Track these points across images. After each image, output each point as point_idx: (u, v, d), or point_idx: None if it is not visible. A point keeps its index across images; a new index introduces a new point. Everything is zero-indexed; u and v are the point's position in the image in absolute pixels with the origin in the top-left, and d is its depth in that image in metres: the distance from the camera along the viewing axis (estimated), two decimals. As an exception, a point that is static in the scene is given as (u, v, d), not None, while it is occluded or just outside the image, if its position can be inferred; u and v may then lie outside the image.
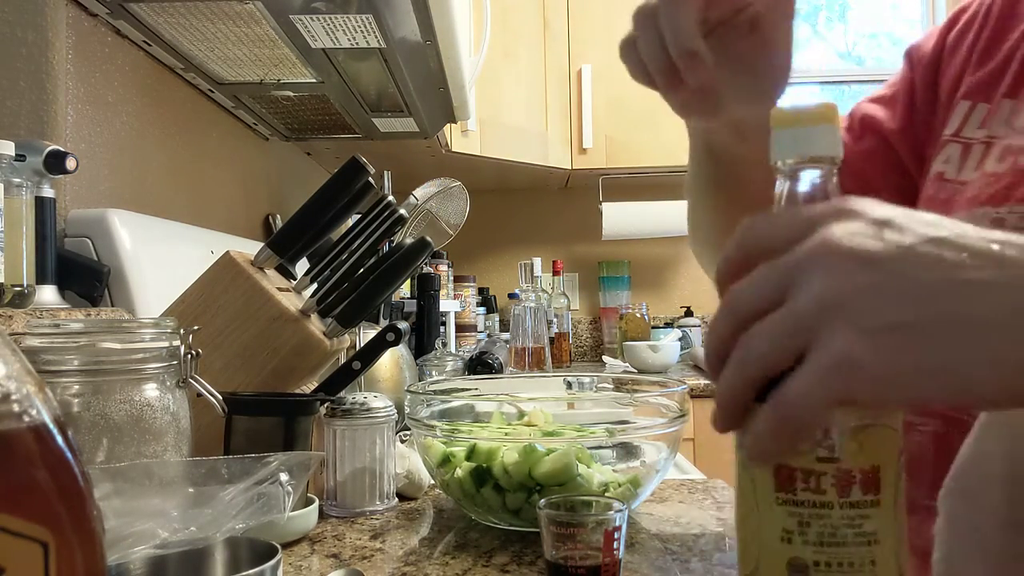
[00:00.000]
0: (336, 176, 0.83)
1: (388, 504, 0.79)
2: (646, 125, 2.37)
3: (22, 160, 0.82)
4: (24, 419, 0.24)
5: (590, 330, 2.79)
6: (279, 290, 0.80)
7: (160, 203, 1.26)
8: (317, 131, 1.74)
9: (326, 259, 0.88)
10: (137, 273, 0.99)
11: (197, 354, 0.64)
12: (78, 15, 1.04)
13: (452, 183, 1.55)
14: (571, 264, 2.79)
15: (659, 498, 0.82)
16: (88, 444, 0.56)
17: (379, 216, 0.88)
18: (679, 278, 2.78)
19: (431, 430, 0.74)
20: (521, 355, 1.81)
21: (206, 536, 0.44)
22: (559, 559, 0.53)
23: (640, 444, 0.76)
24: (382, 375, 1.11)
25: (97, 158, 1.08)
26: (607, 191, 2.59)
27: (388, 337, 0.81)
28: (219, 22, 1.09)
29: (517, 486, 0.67)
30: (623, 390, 0.92)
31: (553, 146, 2.33)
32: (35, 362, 0.56)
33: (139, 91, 1.21)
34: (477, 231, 2.74)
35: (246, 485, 0.47)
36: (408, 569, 0.61)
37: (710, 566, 0.61)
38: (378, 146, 1.89)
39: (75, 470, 0.25)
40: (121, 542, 0.40)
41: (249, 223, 1.72)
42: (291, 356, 0.78)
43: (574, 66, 2.37)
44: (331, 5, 1.03)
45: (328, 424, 0.78)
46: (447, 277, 2.13)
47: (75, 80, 1.03)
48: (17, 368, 0.24)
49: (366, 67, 1.28)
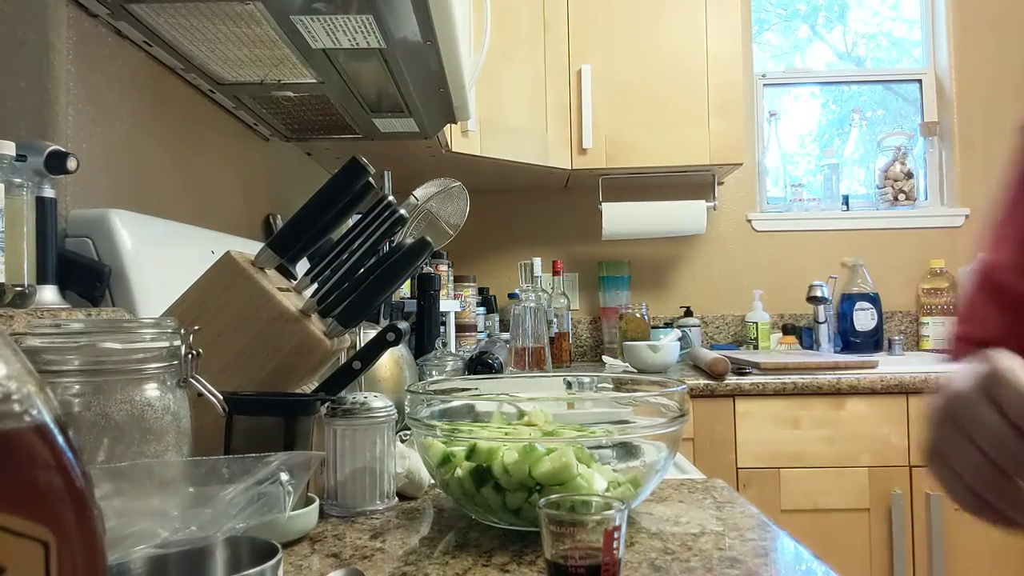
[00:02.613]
0: (336, 176, 0.83)
1: (388, 504, 0.79)
2: (646, 125, 2.37)
3: (23, 160, 0.82)
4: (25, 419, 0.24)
5: (590, 330, 2.79)
6: (279, 290, 0.80)
7: (161, 203, 1.26)
8: (317, 131, 1.74)
9: (326, 259, 0.88)
10: (138, 273, 1.00)
11: (197, 354, 0.64)
12: (78, 15, 1.04)
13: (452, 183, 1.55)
14: (571, 264, 2.79)
15: (659, 498, 0.82)
16: (89, 444, 0.56)
17: (379, 216, 0.88)
18: (679, 278, 2.79)
19: (431, 430, 0.74)
20: (521, 355, 1.81)
21: (206, 536, 0.44)
22: (559, 559, 0.53)
23: (640, 444, 0.76)
24: (382, 375, 1.11)
25: (97, 158, 1.08)
26: (607, 191, 2.60)
27: (388, 337, 0.81)
28: (219, 22, 1.09)
29: (517, 486, 0.67)
30: (623, 390, 0.92)
31: (553, 146, 2.33)
32: (36, 362, 0.56)
33: (139, 91, 1.21)
34: (477, 231, 2.75)
35: (246, 485, 0.47)
36: (408, 569, 0.61)
37: (710, 566, 0.61)
38: (378, 146, 1.89)
39: (76, 470, 0.25)
40: (121, 542, 0.40)
41: (249, 223, 1.72)
42: (291, 356, 0.78)
43: (574, 66, 2.37)
44: (331, 5, 1.03)
45: (328, 424, 0.78)
46: (447, 277, 2.13)
47: (75, 80, 1.03)
48: (18, 368, 0.24)
49: (366, 67, 1.28)
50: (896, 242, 2.73)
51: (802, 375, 2.01)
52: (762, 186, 2.81)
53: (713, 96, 2.37)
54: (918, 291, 2.70)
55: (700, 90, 2.37)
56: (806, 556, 0.64)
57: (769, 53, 2.91)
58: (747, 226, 2.77)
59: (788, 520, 1.94)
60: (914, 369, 2.07)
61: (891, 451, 1.96)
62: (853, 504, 1.95)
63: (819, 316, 2.53)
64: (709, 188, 2.59)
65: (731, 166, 2.42)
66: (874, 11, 2.91)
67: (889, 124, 2.87)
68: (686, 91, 2.37)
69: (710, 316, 2.76)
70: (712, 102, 2.37)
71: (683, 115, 2.37)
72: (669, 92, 2.37)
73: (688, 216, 2.53)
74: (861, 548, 1.95)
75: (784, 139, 2.83)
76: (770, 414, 1.97)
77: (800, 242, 2.76)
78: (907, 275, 2.73)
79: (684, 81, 2.37)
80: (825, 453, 1.96)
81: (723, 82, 2.37)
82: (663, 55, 2.37)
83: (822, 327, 2.52)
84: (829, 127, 2.93)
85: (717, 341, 2.75)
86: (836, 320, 2.59)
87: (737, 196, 2.77)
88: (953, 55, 2.74)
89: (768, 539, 0.68)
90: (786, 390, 1.96)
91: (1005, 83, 2.73)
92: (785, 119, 2.87)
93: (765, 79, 2.83)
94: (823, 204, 2.76)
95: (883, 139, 2.76)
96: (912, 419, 1.97)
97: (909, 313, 2.72)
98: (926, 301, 2.65)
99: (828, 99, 2.94)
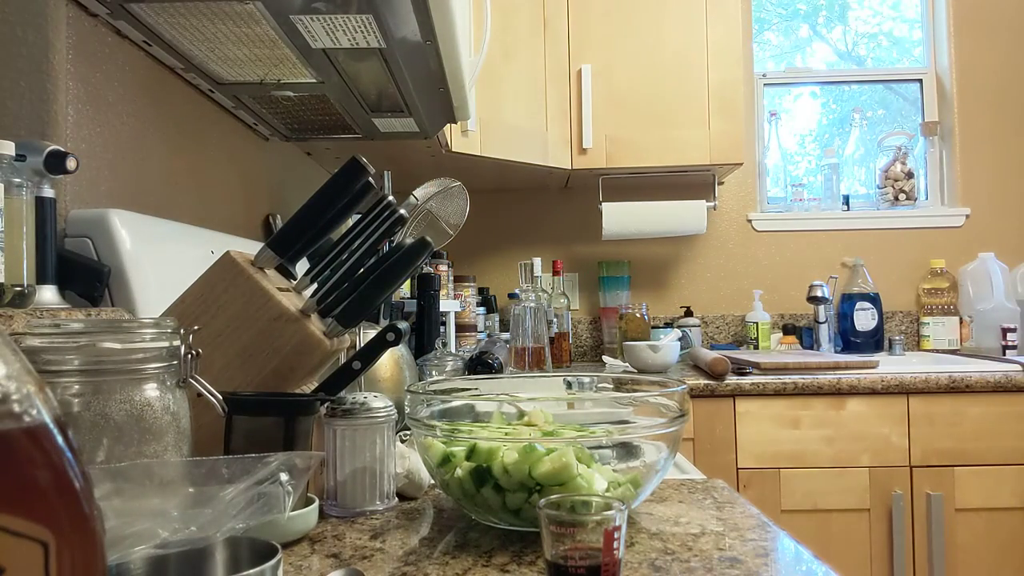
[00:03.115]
0: (336, 176, 0.83)
1: (388, 504, 0.79)
2: (646, 125, 2.37)
3: (22, 160, 0.82)
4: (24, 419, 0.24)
5: (590, 330, 2.79)
6: (279, 290, 0.80)
7: (160, 203, 1.26)
8: (317, 131, 1.74)
9: (326, 259, 0.88)
10: (137, 273, 1.00)
11: (197, 354, 0.64)
12: (78, 15, 1.04)
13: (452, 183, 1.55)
14: (571, 264, 2.79)
15: (659, 498, 0.82)
16: (88, 444, 0.56)
17: (379, 216, 0.88)
18: (679, 278, 2.79)
19: (431, 430, 0.74)
20: (521, 355, 1.81)
21: (206, 536, 0.44)
22: (559, 559, 0.53)
23: (640, 444, 0.76)
24: (382, 375, 1.11)
25: (97, 158, 1.08)
26: (607, 191, 2.60)
27: (388, 337, 0.81)
28: (219, 22, 1.09)
29: (517, 486, 0.67)
30: (623, 390, 0.92)
31: (553, 146, 2.33)
32: (35, 362, 0.56)
33: (139, 91, 1.21)
34: (477, 231, 2.75)
35: (246, 485, 0.47)
36: (408, 569, 0.61)
37: (710, 566, 0.61)
38: (378, 146, 1.89)
39: (75, 470, 0.25)
40: (121, 542, 0.40)
41: (249, 223, 1.72)
42: (291, 356, 0.78)
43: (574, 66, 2.37)
44: (331, 5, 1.03)
45: (328, 424, 0.78)
46: (447, 277, 2.13)
47: (75, 80, 1.03)
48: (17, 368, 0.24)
49: (366, 67, 1.28)
50: (896, 242, 2.73)
51: (802, 375, 2.01)
52: (762, 186, 2.81)
53: (713, 96, 2.37)
54: (918, 291, 2.70)
55: (700, 90, 2.37)
56: (806, 556, 0.64)
57: (769, 53, 2.91)
58: (747, 226, 2.77)
59: (788, 520, 1.94)
60: (915, 369, 2.07)
61: (891, 451, 1.96)
62: (853, 504, 1.95)
63: (819, 316, 2.53)
64: (709, 188, 2.59)
65: (731, 166, 2.42)
66: (874, 11, 2.91)
67: (889, 124, 2.87)
68: (686, 91, 2.37)
69: (710, 316, 2.76)
70: (712, 102, 2.37)
71: (683, 115, 2.37)
72: (669, 92, 2.37)
73: (688, 216, 2.53)
74: (861, 548, 1.95)
75: (784, 139, 2.83)
76: (770, 414, 1.97)
77: (800, 242, 2.76)
78: (907, 275, 2.73)
79: (684, 81, 2.37)
80: (825, 453, 1.96)
81: (723, 82, 2.37)
82: (663, 55, 2.37)
83: (822, 327, 2.52)
84: (829, 127, 2.93)
85: (717, 341, 2.75)
86: (836, 320, 2.59)
87: (737, 196, 2.77)
88: (953, 55, 2.74)
89: (768, 539, 0.68)
90: (786, 390, 1.96)
91: (1006, 82, 2.73)
92: (785, 119, 2.87)
93: (765, 79, 2.83)
94: (823, 204, 2.76)
95: (883, 139, 2.76)
96: (912, 419, 1.97)
97: (910, 313, 2.72)
98: (926, 301, 2.65)
99: (828, 99, 2.93)
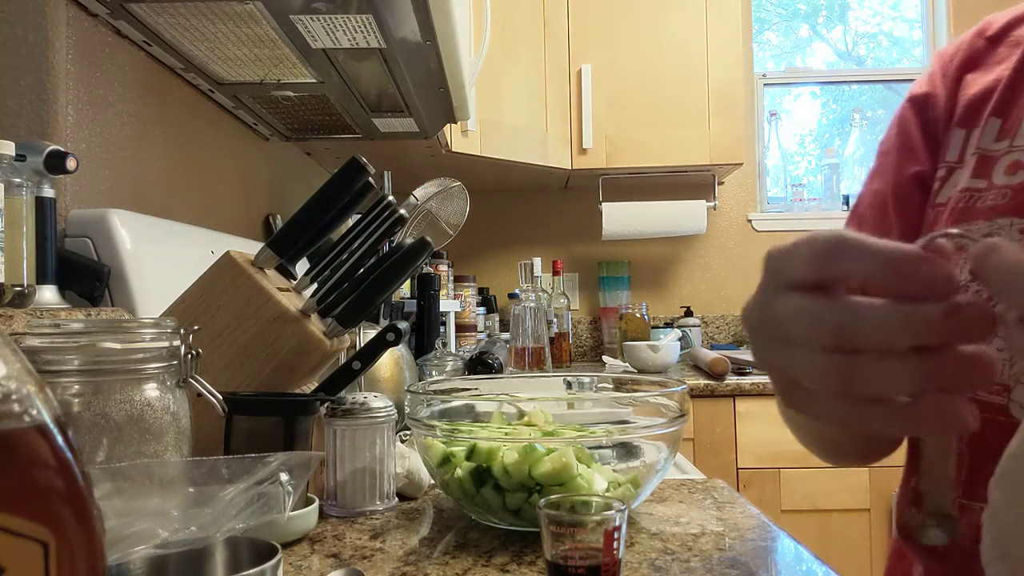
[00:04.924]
0: (336, 176, 0.83)
1: (388, 504, 0.79)
2: (646, 125, 2.37)
3: (22, 160, 0.82)
4: (24, 419, 0.24)
5: (590, 330, 2.79)
6: (279, 290, 0.80)
7: (160, 203, 1.26)
8: (317, 131, 1.74)
9: (326, 259, 0.88)
10: (137, 273, 0.99)
11: (197, 354, 0.64)
12: (78, 15, 1.04)
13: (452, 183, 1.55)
14: (571, 264, 2.79)
15: (659, 498, 0.82)
16: (88, 444, 0.56)
17: (379, 216, 0.88)
18: (679, 278, 2.79)
19: (431, 430, 0.74)
20: (521, 355, 1.81)
21: (206, 536, 0.44)
22: (559, 559, 0.52)
23: (640, 444, 0.76)
24: (382, 375, 1.11)
25: (97, 158, 1.08)
26: (607, 191, 2.60)
27: (388, 337, 0.81)
28: (219, 22, 1.09)
29: (517, 486, 0.67)
30: (623, 390, 0.92)
31: (553, 146, 2.33)
32: (35, 362, 0.56)
33: (139, 91, 1.21)
34: (477, 231, 2.75)
35: (246, 485, 0.47)
36: (408, 569, 0.61)
37: (710, 566, 0.61)
38: (378, 146, 1.89)
39: (75, 470, 0.25)
40: (121, 542, 0.40)
41: (249, 223, 1.72)
42: (291, 356, 0.78)
43: (574, 66, 2.37)
44: (331, 5, 1.03)
45: (328, 424, 0.78)
46: (447, 277, 2.13)
47: (75, 80, 1.03)
48: (17, 368, 0.24)
49: (366, 67, 1.28)
50: (896, 242, 2.73)
51: (802, 375, 2.01)
52: (762, 186, 2.81)
53: (713, 96, 2.37)
54: (918, 291, 2.70)
55: (700, 90, 2.37)
56: (806, 556, 0.64)
57: (769, 53, 2.91)
58: (747, 226, 2.77)
59: (788, 520, 1.94)
60: (914, 369, 2.06)
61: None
62: (853, 504, 1.95)
63: (819, 316, 2.52)
64: (709, 188, 2.59)
65: (731, 166, 2.42)
66: (874, 11, 2.91)
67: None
68: (686, 91, 2.37)
69: (710, 316, 2.75)
70: (712, 102, 2.37)
71: (683, 115, 2.37)
72: (669, 92, 2.37)
73: (688, 216, 2.53)
74: (861, 548, 1.95)
75: (784, 139, 2.83)
76: (770, 414, 1.97)
77: (800, 242, 2.76)
78: (907, 275, 2.73)
79: (684, 81, 2.37)
80: (825, 453, 1.96)
81: (723, 82, 2.37)
82: (663, 55, 2.37)
83: (822, 327, 2.52)
84: (829, 127, 2.93)
85: (717, 341, 2.75)
86: (836, 320, 2.59)
87: (737, 196, 2.77)
88: (953, 55, 2.74)
89: (768, 539, 0.68)
90: (786, 390, 1.96)
91: (1005, 83, 2.73)
92: (785, 119, 2.87)
93: (765, 79, 2.83)
94: (824, 204, 2.76)
95: (883, 139, 2.76)
96: (912, 419, 1.97)
97: (909, 313, 2.72)
98: (926, 301, 2.65)
99: (828, 99, 2.94)
